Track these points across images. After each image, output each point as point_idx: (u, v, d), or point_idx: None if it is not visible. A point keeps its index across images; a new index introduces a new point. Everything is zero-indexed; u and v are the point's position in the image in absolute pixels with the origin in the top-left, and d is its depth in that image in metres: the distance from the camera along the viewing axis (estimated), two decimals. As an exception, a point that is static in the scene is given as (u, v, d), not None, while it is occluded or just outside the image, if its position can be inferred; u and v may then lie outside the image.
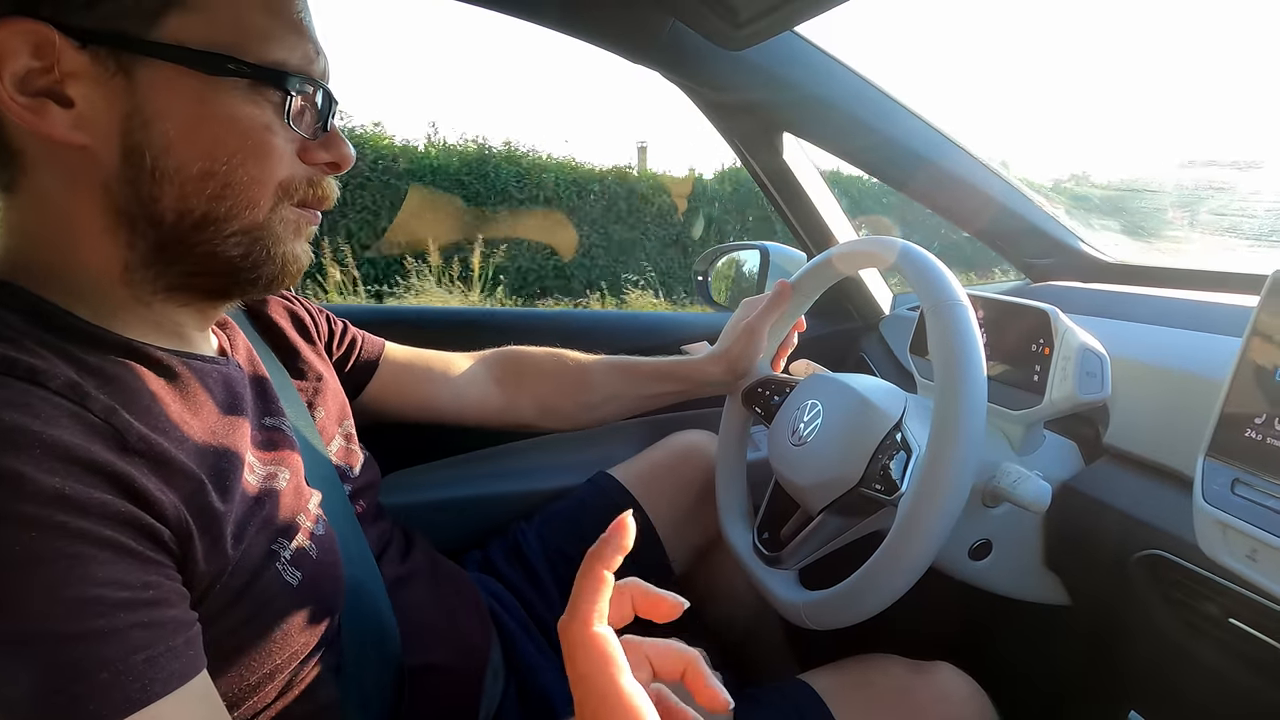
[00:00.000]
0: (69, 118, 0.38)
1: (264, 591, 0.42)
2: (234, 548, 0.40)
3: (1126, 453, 0.65)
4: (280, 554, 0.43)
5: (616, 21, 0.78)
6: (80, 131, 0.38)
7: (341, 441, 0.63)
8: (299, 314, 0.68)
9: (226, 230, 0.43)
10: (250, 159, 0.42)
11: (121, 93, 0.39)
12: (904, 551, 0.54)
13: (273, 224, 0.44)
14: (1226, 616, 0.53)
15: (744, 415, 0.84)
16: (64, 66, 0.37)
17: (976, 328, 0.56)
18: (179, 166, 0.40)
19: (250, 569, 0.41)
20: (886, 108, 0.90)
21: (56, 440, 0.32)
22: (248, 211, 0.43)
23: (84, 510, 0.32)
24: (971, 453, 0.52)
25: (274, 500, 0.45)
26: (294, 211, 0.46)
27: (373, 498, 0.64)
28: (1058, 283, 1.01)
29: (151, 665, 0.32)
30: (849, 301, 1.15)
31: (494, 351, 0.86)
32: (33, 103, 0.37)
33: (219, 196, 0.42)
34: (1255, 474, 0.46)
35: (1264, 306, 0.48)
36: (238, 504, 0.41)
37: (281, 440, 0.50)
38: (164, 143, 0.40)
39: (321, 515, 0.50)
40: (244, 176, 0.42)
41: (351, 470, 0.62)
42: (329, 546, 0.49)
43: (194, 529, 0.37)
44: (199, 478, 0.39)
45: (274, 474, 0.47)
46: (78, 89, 0.38)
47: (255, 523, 0.42)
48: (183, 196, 0.41)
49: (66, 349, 0.38)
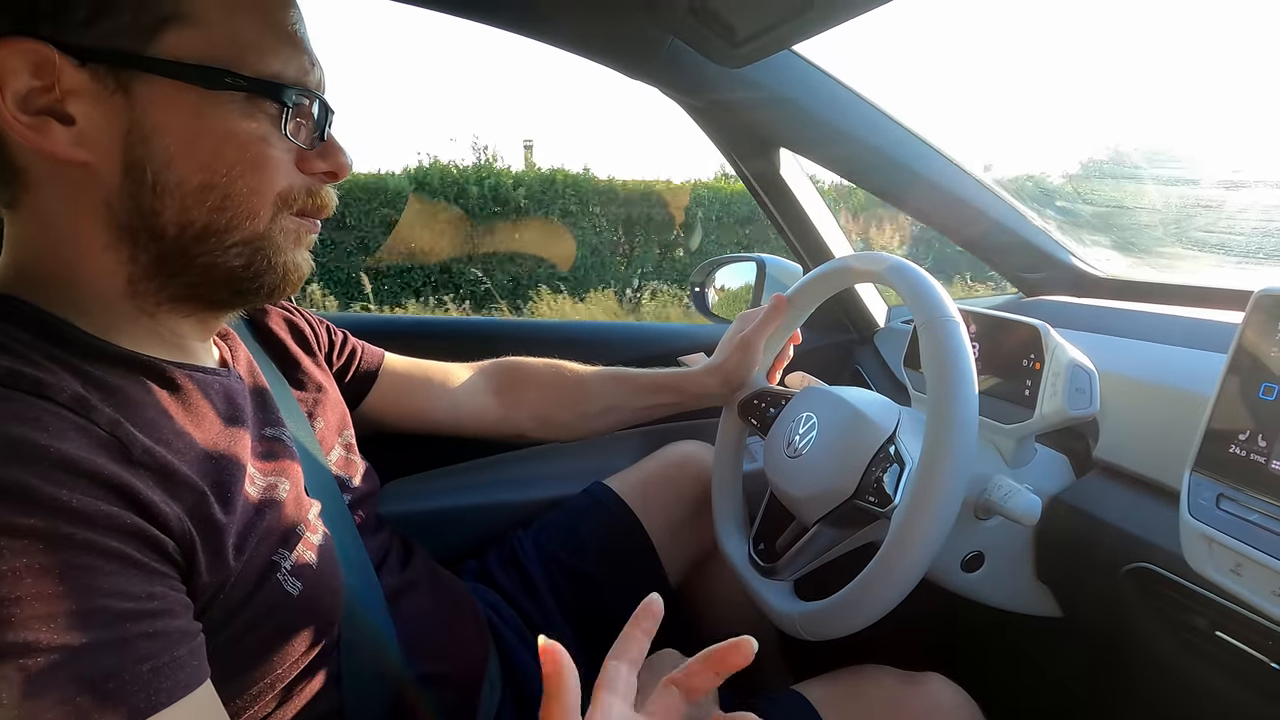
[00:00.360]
0: (70, 135, 0.39)
1: (265, 601, 0.42)
2: (236, 558, 0.40)
3: (1116, 466, 0.66)
4: (281, 564, 0.44)
5: (616, 39, 0.80)
6: (82, 148, 0.39)
7: (341, 451, 0.63)
8: (299, 325, 0.68)
9: (228, 241, 0.43)
10: (249, 171, 0.43)
11: (121, 109, 0.39)
12: (897, 563, 0.54)
13: (273, 234, 0.45)
14: (1213, 630, 0.54)
15: (740, 427, 0.85)
16: (64, 85, 0.38)
17: (968, 344, 0.57)
18: (179, 180, 0.41)
19: (252, 579, 0.42)
20: (882, 124, 0.91)
21: (63, 453, 0.33)
22: (248, 222, 0.44)
23: (90, 522, 0.32)
24: (963, 466, 0.53)
25: (275, 511, 0.46)
26: (294, 221, 0.47)
27: (372, 508, 0.65)
28: (1050, 297, 1.02)
29: (157, 675, 0.32)
30: (844, 314, 1.17)
31: (492, 362, 0.86)
32: (35, 121, 0.38)
33: (219, 208, 0.42)
34: (1240, 489, 0.47)
35: (1248, 324, 0.49)
36: (239, 515, 0.42)
37: (282, 451, 0.51)
38: (164, 157, 0.40)
39: (321, 525, 0.50)
40: (243, 188, 0.43)
41: (351, 480, 0.62)
42: (329, 556, 0.49)
43: (197, 540, 0.38)
44: (201, 489, 0.39)
45: (275, 484, 0.47)
46: (78, 106, 0.39)
47: (257, 533, 0.43)
48: (184, 209, 0.41)
49: (72, 362, 0.38)
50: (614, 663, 0.38)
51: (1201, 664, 0.57)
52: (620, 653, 0.39)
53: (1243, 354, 0.49)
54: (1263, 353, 0.48)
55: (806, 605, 0.64)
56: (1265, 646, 0.50)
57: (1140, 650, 0.63)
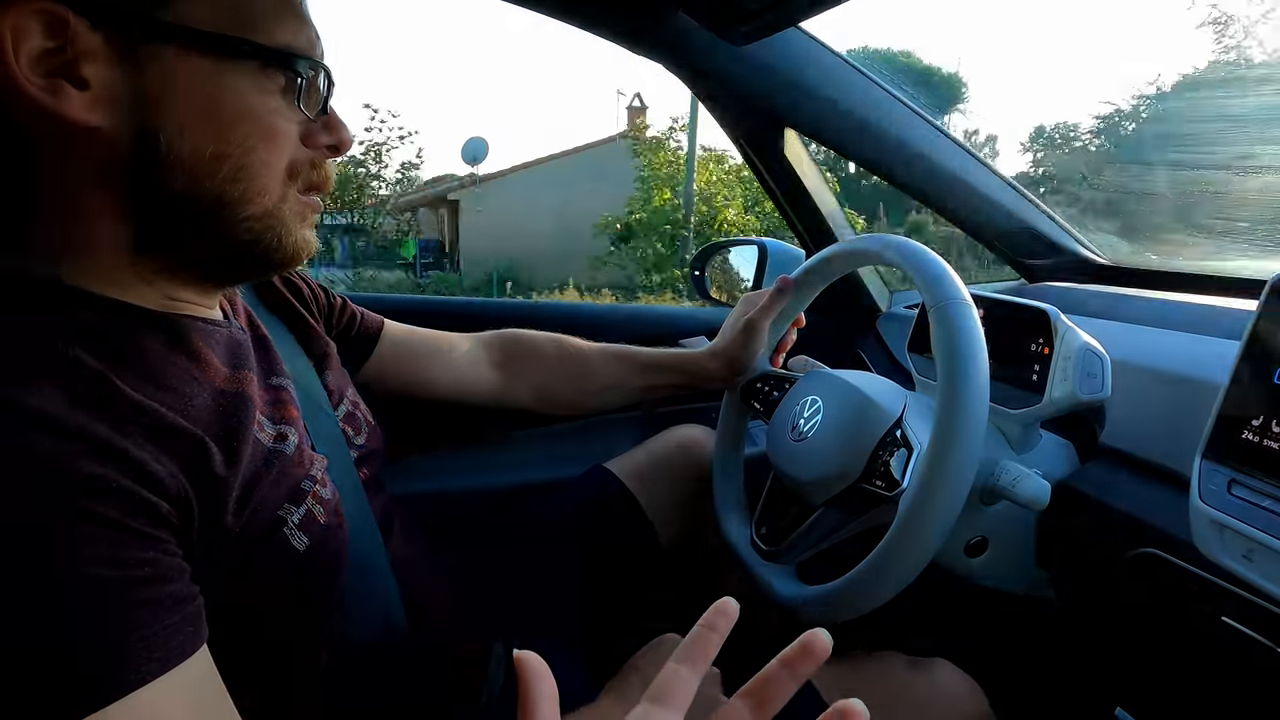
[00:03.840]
0: (84, 99, 0.38)
1: (270, 556, 0.41)
2: (238, 513, 0.40)
3: (1122, 452, 0.66)
4: (288, 519, 0.43)
5: (621, 12, 0.78)
6: (95, 113, 0.38)
7: (348, 407, 0.62)
8: (299, 286, 0.67)
9: (240, 215, 0.42)
10: (261, 142, 0.42)
11: (135, 74, 0.38)
12: (906, 546, 0.54)
13: (283, 212, 0.44)
14: (1219, 615, 0.54)
15: (742, 411, 0.84)
16: (78, 46, 0.37)
17: (980, 326, 0.56)
18: (192, 149, 0.40)
19: (256, 535, 0.41)
20: (888, 105, 0.90)
21: (42, 411, 0.32)
22: (260, 198, 0.43)
23: (76, 487, 0.31)
24: (974, 450, 0.53)
25: (282, 463, 0.45)
26: (300, 199, 0.46)
27: (377, 467, 0.64)
28: (1054, 283, 1.02)
29: (148, 645, 0.31)
30: (847, 298, 1.16)
31: (495, 333, 0.85)
32: (48, 83, 0.37)
33: (232, 180, 0.41)
34: (1252, 475, 0.47)
35: (1264, 310, 0.49)
36: (245, 467, 0.41)
37: (288, 399, 0.50)
38: (176, 125, 0.39)
39: (328, 480, 0.49)
40: (255, 160, 0.42)
41: (357, 436, 0.61)
42: (335, 511, 0.48)
43: (193, 498, 0.37)
44: (201, 440, 0.38)
45: (283, 434, 0.46)
46: (92, 69, 0.37)
47: (263, 486, 0.42)
48: (195, 180, 0.40)
49: (61, 316, 0.37)
50: (672, 665, 0.33)
51: (1206, 649, 0.57)
52: (684, 656, 0.33)
53: (1256, 340, 0.49)
54: (1277, 339, 0.47)
55: (811, 589, 0.63)
56: (1272, 632, 0.50)
57: (1145, 636, 0.63)
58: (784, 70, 0.85)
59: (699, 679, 0.33)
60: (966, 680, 0.63)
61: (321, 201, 0.49)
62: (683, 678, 0.32)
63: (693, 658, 0.33)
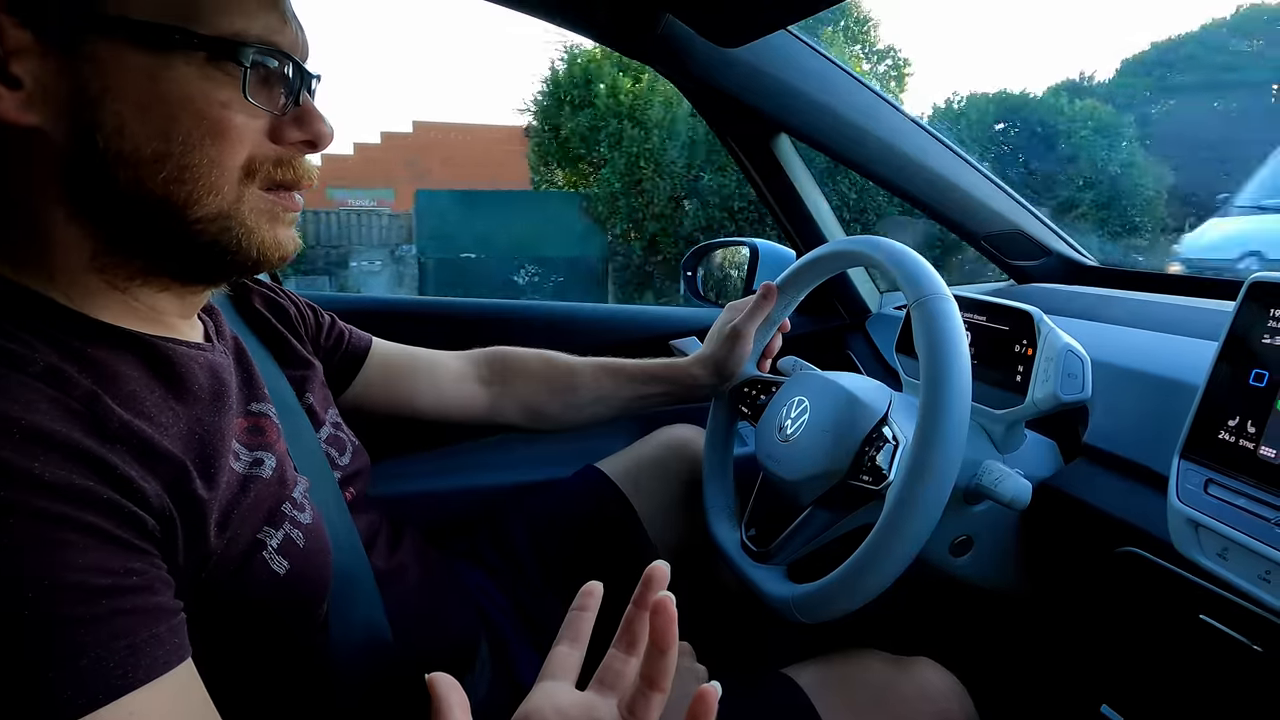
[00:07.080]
0: (17, 99, 0.37)
1: (250, 580, 0.41)
2: (218, 536, 0.40)
3: (1105, 452, 0.66)
4: (267, 542, 0.43)
5: (611, 14, 0.78)
6: (31, 112, 0.37)
7: (331, 429, 0.62)
8: (283, 305, 0.67)
9: (191, 217, 0.41)
10: (207, 139, 0.40)
11: (68, 70, 0.37)
12: (893, 537, 0.54)
13: (241, 212, 0.42)
14: (1197, 613, 0.55)
15: (730, 416, 0.85)
16: (7, 44, 0.36)
17: (960, 319, 0.57)
18: (133, 149, 0.39)
19: (236, 558, 0.41)
20: (879, 109, 0.91)
21: (35, 425, 0.32)
22: (210, 198, 0.41)
23: (64, 496, 0.32)
24: (958, 436, 0.53)
25: (259, 488, 0.45)
26: (264, 198, 0.44)
27: (362, 486, 0.64)
28: (1040, 284, 1.03)
29: (134, 653, 0.32)
30: (836, 300, 1.16)
31: (482, 351, 0.85)
32: None
33: (177, 180, 0.40)
34: (1228, 474, 0.47)
35: (1240, 311, 0.50)
36: (222, 491, 0.41)
37: (268, 426, 0.50)
38: (116, 123, 0.38)
39: (309, 503, 0.49)
40: (201, 159, 0.40)
41: (340, 457, 0.61)
42: (317, 534, 0.48)
43: (177, 517, 0.37)
44: (182, 464, 0.38)
45: (260, 460, 0.46)
46: (23, 67, 0.36)
47: (240, 510, 0.42)
48: (138, 180, 0.39)
49: (48, 334, 0.37)
50: (556, 647, 0.41)
51: (1186, 647, 0.57)
52: (562, 636, 0.41)
53: (1234, 340, 0.49)
54: (1254, 339, 0.48)
55: (800, 588, 0.64)
56: (1247, 629, 0.51)
57: (1128, 634, 0.64)
58: (774, 73, 0.85)
59: (581, 653, 0.40)
60: (951, 679, 0.63)
61: (300, 199, 0.46)
62: (563, 654, 0.40)
63: (570, 636, 0.41)
